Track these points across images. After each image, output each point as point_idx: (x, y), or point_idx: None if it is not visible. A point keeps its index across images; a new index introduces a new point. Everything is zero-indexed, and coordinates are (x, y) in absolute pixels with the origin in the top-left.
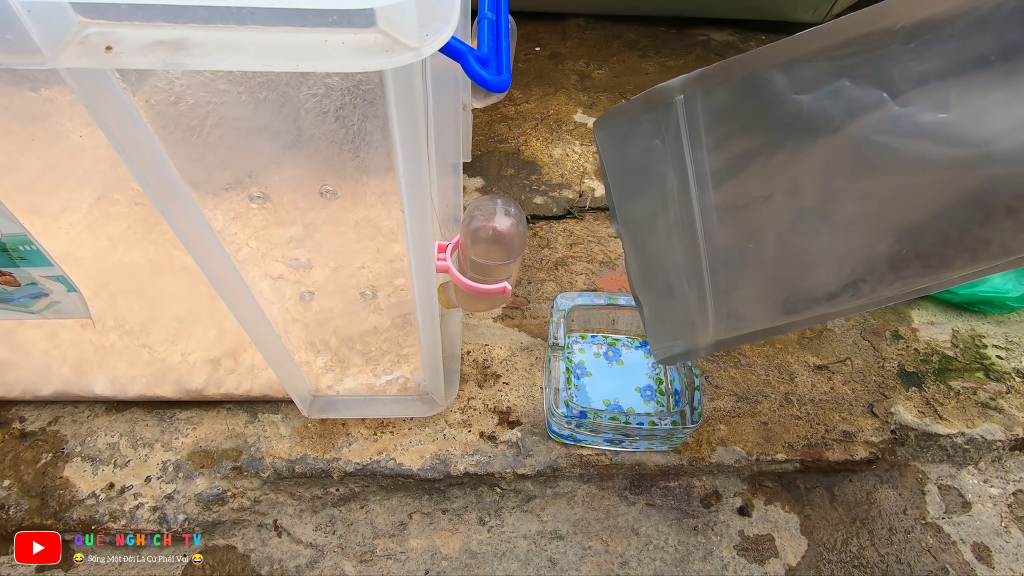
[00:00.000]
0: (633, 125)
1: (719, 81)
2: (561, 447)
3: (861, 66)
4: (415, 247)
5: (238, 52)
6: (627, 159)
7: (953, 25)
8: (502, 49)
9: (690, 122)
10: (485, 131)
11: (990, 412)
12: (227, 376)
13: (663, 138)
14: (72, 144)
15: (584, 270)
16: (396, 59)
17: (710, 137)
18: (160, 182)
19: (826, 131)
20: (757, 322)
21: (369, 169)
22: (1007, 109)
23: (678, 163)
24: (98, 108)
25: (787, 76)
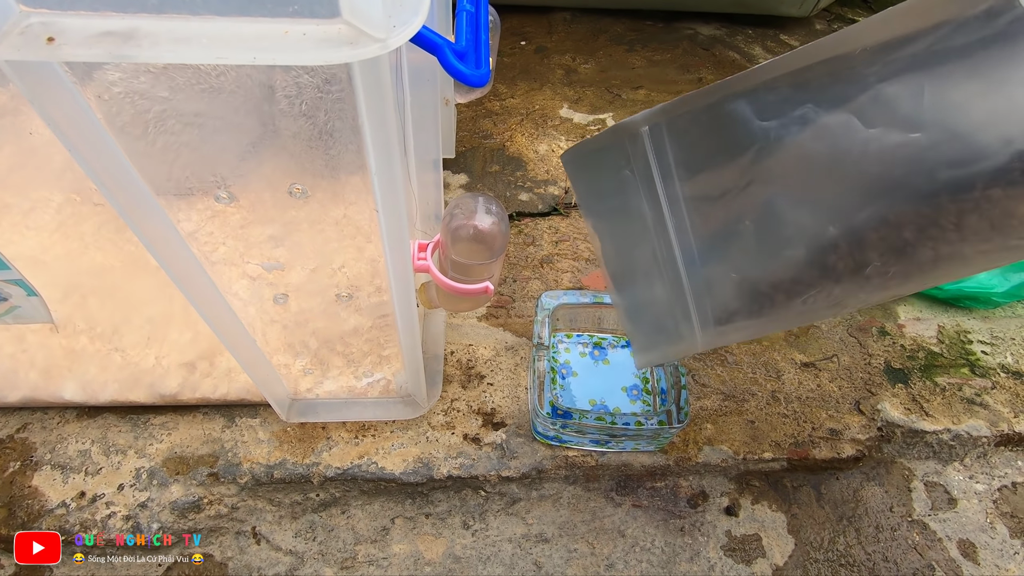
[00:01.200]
0: (602, 157)
1: (682, 112)
2: (546, 448)
3: (826, 90)
4: (391, 247)
5: (190, 44)
6: (599, 190)
7: (916, 40)
8: (481, 42)
9: (657, 151)
10: (470, 126)
11: (975, 408)
12: (202, 380)
13: (632, 168)
14: (35, 142)
15: (570, 268)
16: (361, 51)
17: (679, 166)
18: (117, 182)
19: (795, 155)
20: (741, 326)
21: (341, 167)
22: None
23: (649, 192)
24: (43, 103)
25: (751, 104)
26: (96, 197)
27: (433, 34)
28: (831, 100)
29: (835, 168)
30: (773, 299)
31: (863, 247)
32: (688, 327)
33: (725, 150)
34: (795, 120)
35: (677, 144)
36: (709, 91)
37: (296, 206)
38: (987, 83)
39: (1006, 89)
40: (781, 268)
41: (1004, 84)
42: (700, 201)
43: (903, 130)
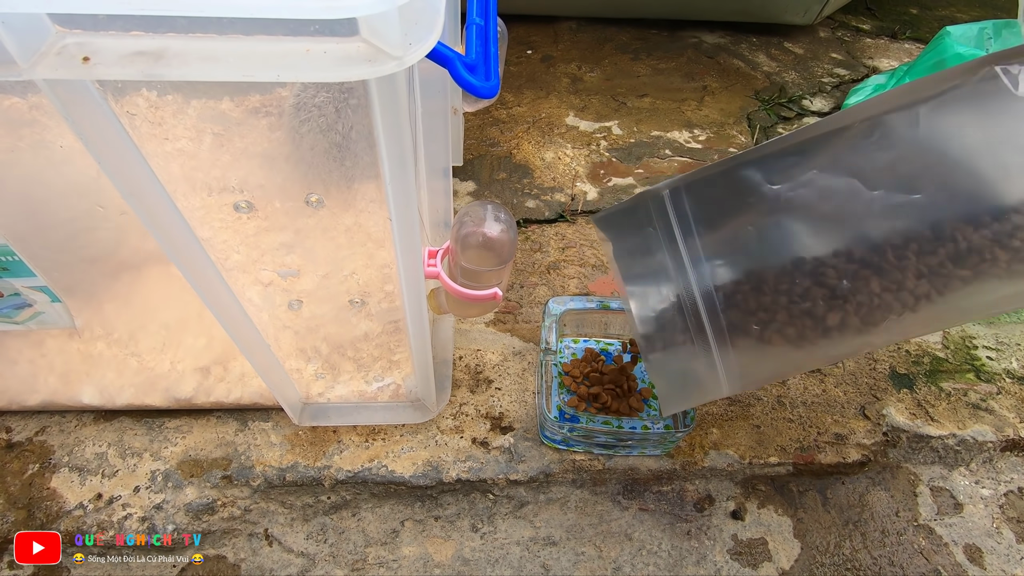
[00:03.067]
0: (629, 217)
1: (700, 177)
2: (554, 452)
3: (829, 158)
4: (403, 253)
5: (218, 62)
6: (628, 248)
7: (909, 110)
8: (491, 55)
9: (677, 210)
10: (477, 135)
11: (981, 413)
12: (217, 384)
13: (655, 226)
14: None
15: (576, 274)
16: (379, 68)
17: (699, 222)
18: (143, 193)
19: (803, 212)
20: (762, 372)
21: (356, 177)
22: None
23: (671, 247)
24: (77, 119)
25: (761, 170)
26: (122, 207)
27: (445, 48)
28: (835, 166)
29: (841, 224)
30: (792, 345)
31: (870, 294)
32: (713, 376)
33: (739, 209)
34: (802, 184)
35: (696, 204)
36: (724, 161)
37: (310, 214)
38: (977, 146)
39: (996, 151)
40: (795, 316)
41: (993, 147)
42: (718, 254)
43: (904, 191)
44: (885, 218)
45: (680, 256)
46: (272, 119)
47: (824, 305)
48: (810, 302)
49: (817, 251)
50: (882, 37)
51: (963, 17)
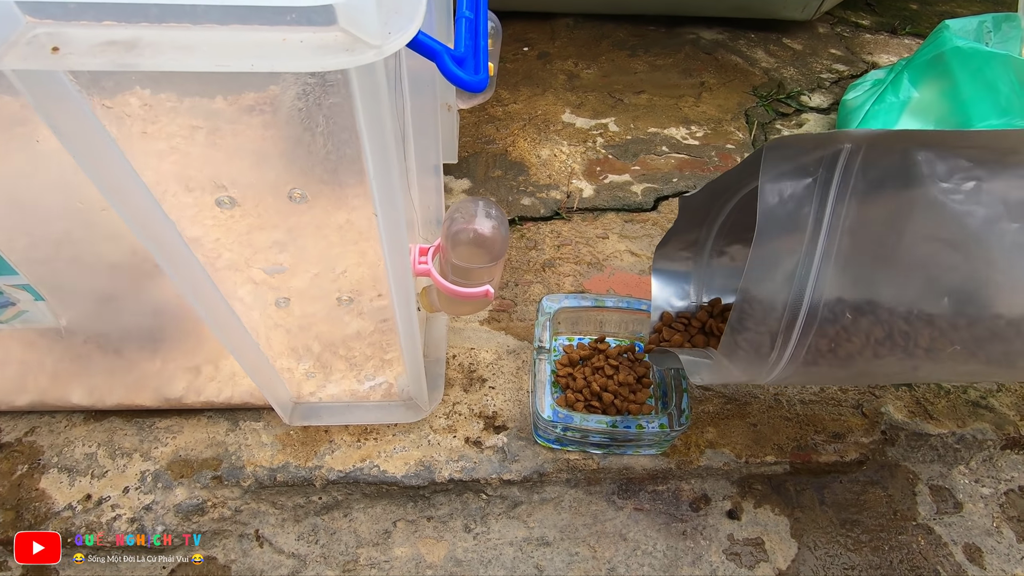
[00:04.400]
0: (800, 154)
1: (885, 147)
2: (548, 451)
3: (990, 178)
4: (390, 249)
5: (192, 52)
6: (781, 186)
7: None
8: (480, 48)
9: (846, 171)
10: (472, 132)
11: (980, 411)
12: (207, 384)
13: (817, 178)
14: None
15: (572, 271)
16: (357, 58)
17: (854, 194)
18: (122, 188)
19: (952, 220)
20: (819, 370)
21: (340, 172)
22: None
23: (820, 206)
24: (50, 112)
25: (937, 158)
26: (102, 203)
27: (432, 40)
28: (995, 189)
29: (972, 246)
30: (870, 349)
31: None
32: (776, 355)
33: (896, 194)
34: (963, 191)
35: (862, 172)
36: (912, 134)
37: (297, 211)
38: None
39: None
40: (900, 319)
41: None
42: (855, 233)
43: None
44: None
45: (823, 217)
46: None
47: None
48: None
49: (949, 263)
50: (882, 32)
51: (963, 12)
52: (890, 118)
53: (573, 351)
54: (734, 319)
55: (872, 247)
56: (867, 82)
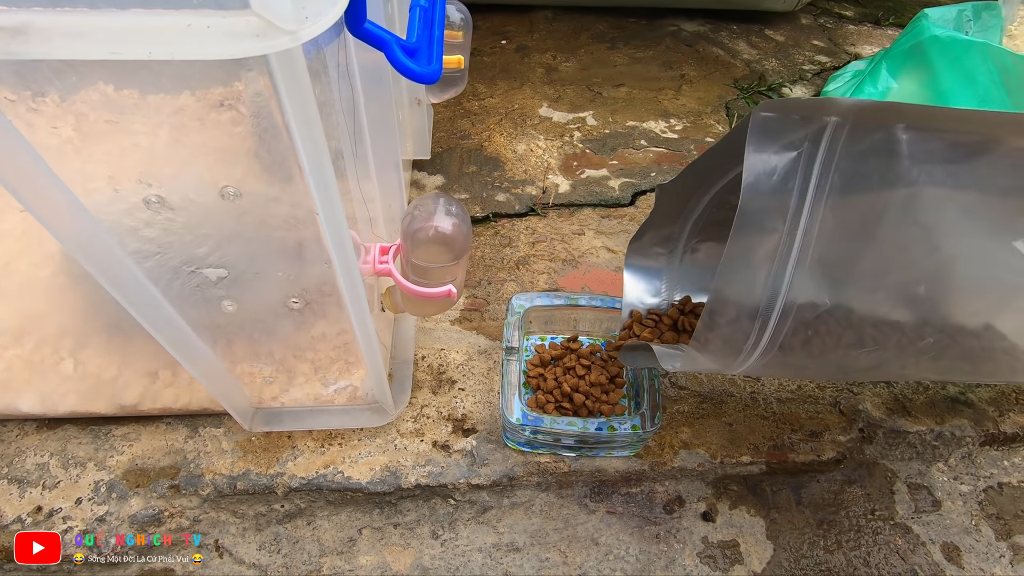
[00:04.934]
0: (787, 128)
1: (871, 122)
2: (518, 455)
3: (969, 163)
4: (336, 251)
5: (85, 39)
6: (767, 157)
7: None
8: (434, 39)
9: (830, 146)
10: (447, 127)
11: (960, 407)
12: (164, 390)
13: (802, 151)
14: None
15: (546, 268)
16: (268, 44)
17: (837, 170)
18: (35, 189)
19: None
20: (792, 360)
21: (275, 168)
22: None
23: (804, 181)
24: None
25: (916, 138)
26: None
27: (380, 29)
28: (969, 172)
29: (946, 233)
30: (848, 337)
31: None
32: (749, 348)
33: (878, 173)
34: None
35: (847, 147)
36: (896, 108)
37: (230, 211)
38: None
39: None
40: (879, 301)
41: None
42: (836, 211)
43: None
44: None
45: (807, 189)
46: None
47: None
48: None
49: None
50: (865, 24)
51: (947, 1)
52: None
53: (545, 351)
54: (707, 314)
55: (853, 229)
56: (847, 73)
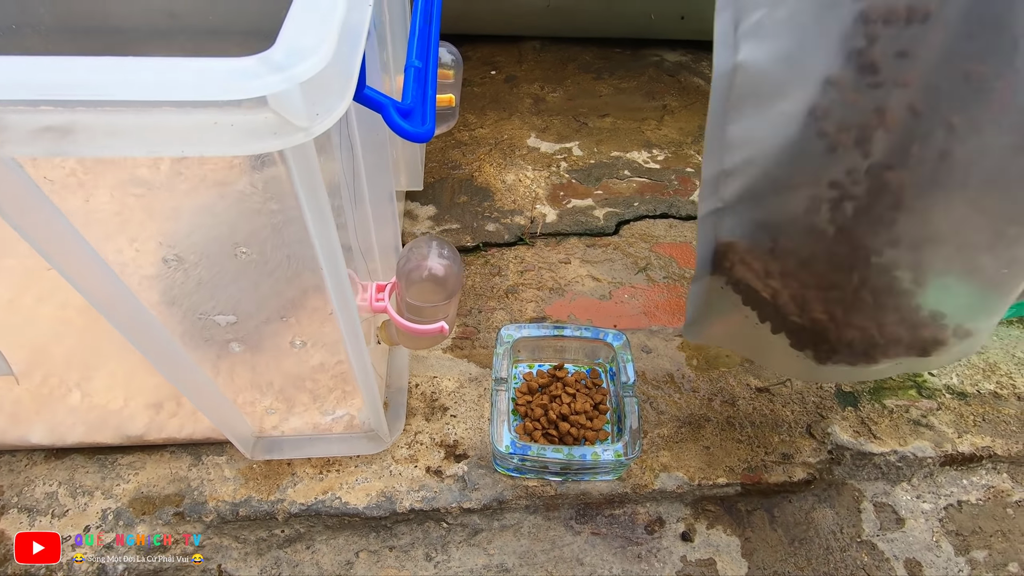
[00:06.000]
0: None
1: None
2: (507, 479)
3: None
4: (339, 306)
5: (125, 137)
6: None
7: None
8: (428, 99)
9: None
10: (439, 157)
11: (921, 429)
12: (169, 420)
13: None
14: None
15: (534, 297)
16: (286, 140)
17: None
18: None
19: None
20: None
21: (283, 230)
22: None
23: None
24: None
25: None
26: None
27: (377, 94)
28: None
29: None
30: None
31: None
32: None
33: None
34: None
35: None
36: None
37: (242, 267)
38: None
39: None
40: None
41: None
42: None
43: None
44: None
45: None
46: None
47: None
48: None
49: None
50: None
51: None
52: None
53: (533, 379)
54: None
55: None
56: None
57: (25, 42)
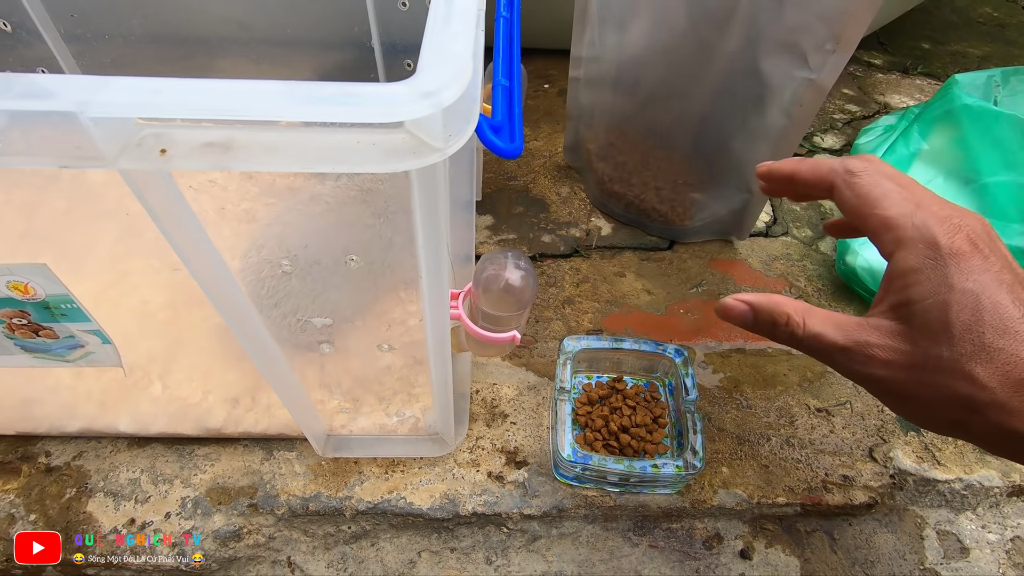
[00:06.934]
0: None
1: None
2: (567, 487)
3: None
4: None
5: (279, 154)
6: None
7: None
8: (515, 116)
9: None
10: (495, 168)
11: (987, 458)
12: (245, 415)
13: None
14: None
15: (591, 308)
16: (424, 160)
17: None
18: (200, 259)
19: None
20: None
21: (395, 244)
22: None
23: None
24: (148, 198)
25: None
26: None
27: None
28: None
29: None
30: None
31: None
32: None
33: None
34: None
35: None
36: None
37: (349, 275)
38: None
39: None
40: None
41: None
42: None
43: None
44: None
45: None
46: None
47: None
48: None
49: None
50: (894, 72)
51: (974, 52)
52: (901, 168)
53: (592, 390)
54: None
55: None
56: (879, 127)
57: (117, 49)
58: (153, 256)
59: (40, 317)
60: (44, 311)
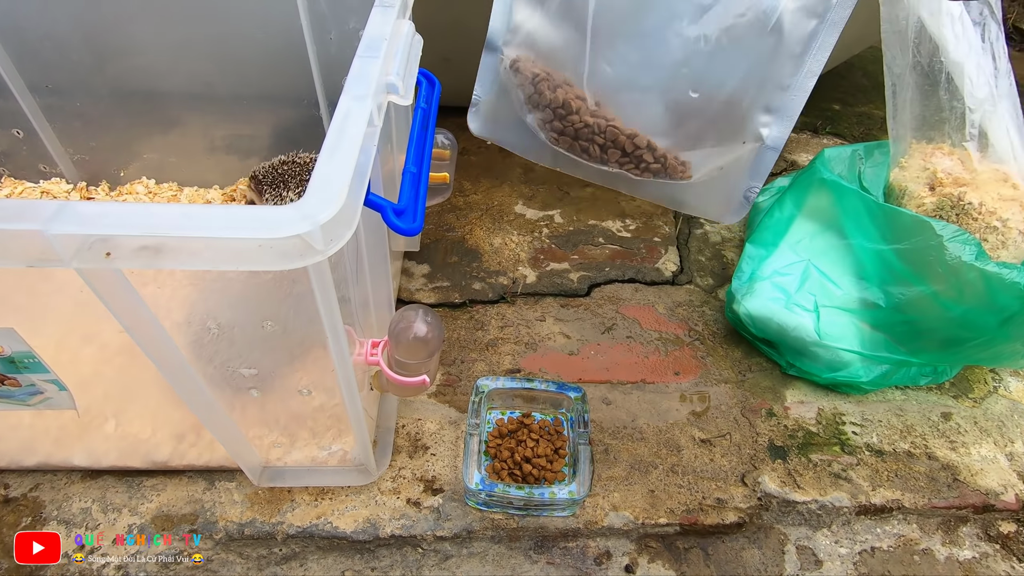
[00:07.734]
0: None
1: None
2: (476, 512)
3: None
4: (339, 363)
5: (198, 256)
6: None
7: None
8: (419, 199)
9: None
10: (436, 219)
11: (840, 482)
12: (189, 449)
13: None
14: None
15: (511, 351)
16: (309, 260)
17: None
18: (140, 328)
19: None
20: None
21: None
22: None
23: None
24: (96, 287)
25: None
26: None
27: (378, 199)
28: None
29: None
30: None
31: None
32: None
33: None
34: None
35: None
36: None
37: (267, 336)
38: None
39: None
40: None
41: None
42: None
43: None
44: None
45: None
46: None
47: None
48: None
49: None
50: (805, 132)
51: (879, 113)
52: (779, 230)
53: (504, 424)
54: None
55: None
56: (773, 188)
57: (87, 105)
58: (106, 318)
59: (5, 369)
60: (9, 364)
